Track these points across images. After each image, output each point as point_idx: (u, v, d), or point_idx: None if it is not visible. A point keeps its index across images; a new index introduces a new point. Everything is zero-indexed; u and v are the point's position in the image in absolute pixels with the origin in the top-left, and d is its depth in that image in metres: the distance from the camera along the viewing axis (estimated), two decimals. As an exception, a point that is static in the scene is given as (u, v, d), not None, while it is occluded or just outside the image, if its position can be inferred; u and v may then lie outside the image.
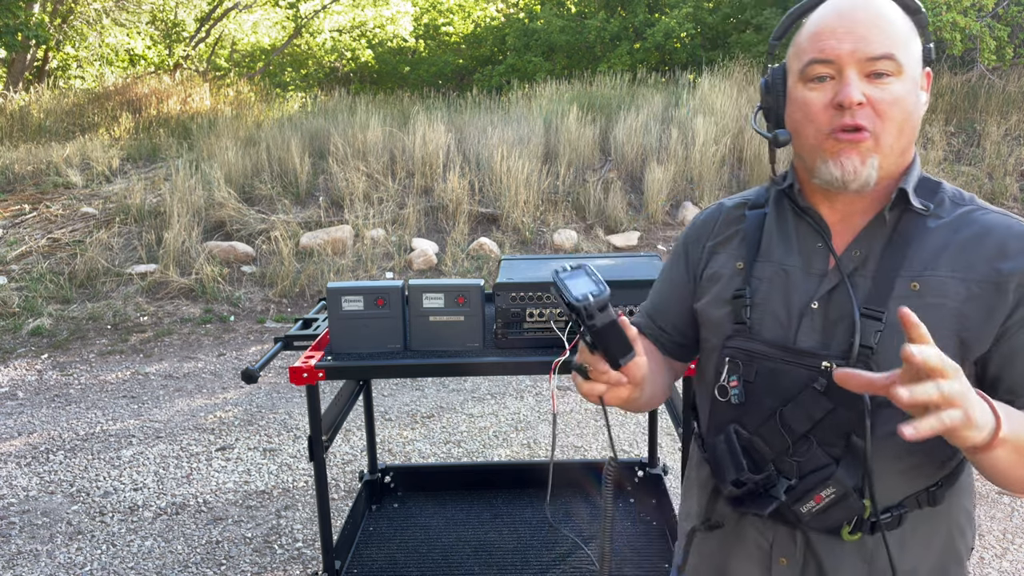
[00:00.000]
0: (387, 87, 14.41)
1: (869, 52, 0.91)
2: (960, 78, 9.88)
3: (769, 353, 0.99)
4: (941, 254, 0.94)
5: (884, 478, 0.96)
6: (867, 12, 0.93)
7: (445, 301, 1.95)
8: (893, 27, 0.93)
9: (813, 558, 1.01)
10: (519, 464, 3.15)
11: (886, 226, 0.97)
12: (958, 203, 0.99)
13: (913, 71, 0.94)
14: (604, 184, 7.86)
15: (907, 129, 0.95)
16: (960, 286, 0.92)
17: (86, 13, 12.60)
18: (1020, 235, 0.94)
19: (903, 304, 0.91)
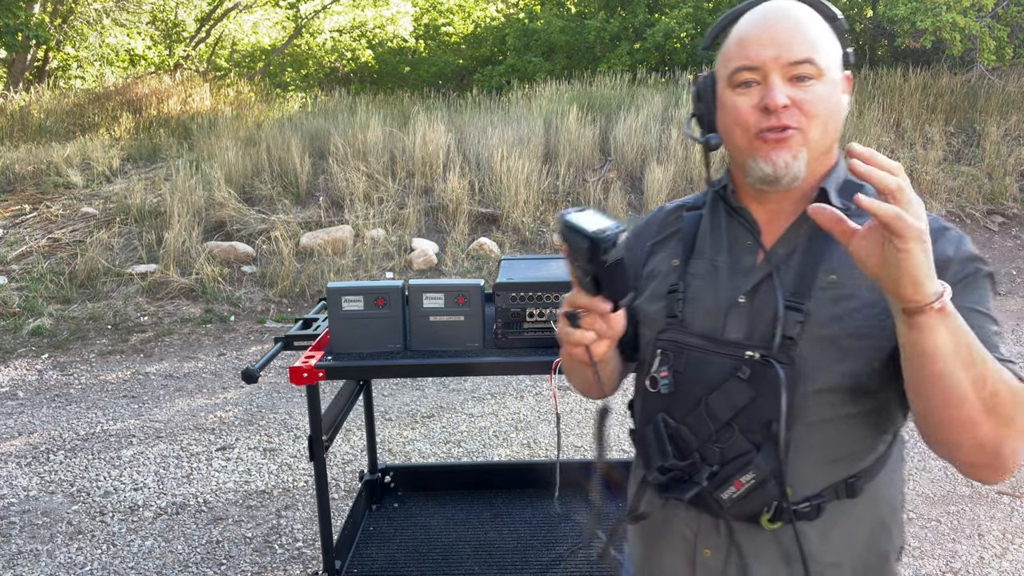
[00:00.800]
0: (387, 87, 14.41)
1: (791, 57, 0.97)
2: (960, 78, 9.88)
3: (698, 344, 1.03)
4: None
5: (803, 467, 0.98)
6: (787, 20, 0.99)
7: (445, 301, 1.95)
8: (812, 33, 0.98)
9: (735, 548, 1.03)
10: (519, 464, 3.15)
11: (809, 224, 1.01)
12: None
13: (833, 74, 1.00)
14: (604, 184, 7.87)
15: (830, 128, 1.00)
16: None
17: (86, 13, 12.60)
18: (938, 226, 0.99)
19: (823, 295, 0.97)
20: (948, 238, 0.99)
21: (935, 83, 9.64)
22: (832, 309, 0.97)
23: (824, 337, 0.96)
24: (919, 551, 2.91)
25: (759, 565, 1.02)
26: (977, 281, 0.98)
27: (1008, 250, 7.47)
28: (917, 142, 8.68)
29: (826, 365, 0.96)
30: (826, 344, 0.96)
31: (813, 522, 1.00)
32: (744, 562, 1.03)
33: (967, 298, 0.96)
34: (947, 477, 3.46)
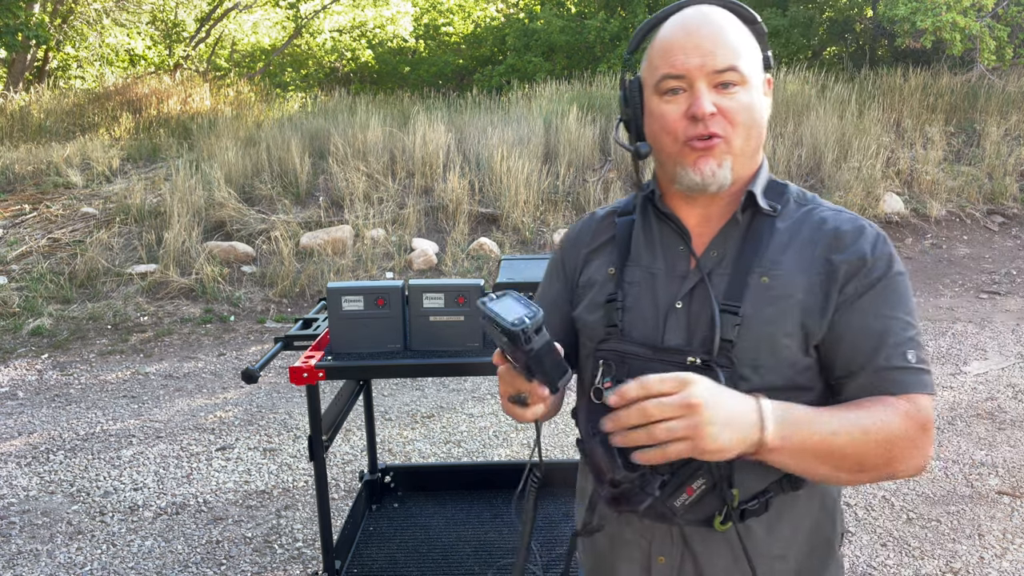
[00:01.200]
0: (387, 87, 14.41)
1: (715, 65, 0.98)
2: (960, 78, 9.88)
3: (639, 352, 1.03)
4: (787, 250, 1.02)
5: (749, 465, 0.98)
6: (710, 27, 1.00)
7: (445, 301, 1.95)
8: (734, 40, 1.00)
9: (689, 553, 1.05)
10: (519, 464, 3.15)
11: (739, 227, 1.05)
12: (801, 203, 1.07)
13: (756, 79, 1.02)
14: (604, 184, 7.86)
15: (754, 133, 1.02)
16: (803, 278, 1.00)
17: (86, 13, 12.60)
18: (850, 228, 1.02)
19: (757, 297, 0.99)
20: (866, 237, 1.02)
21: (935, 83, 9.64)
22: (767, 310, 0.99)
23: (761, 337, 0.99)
24: (919, 551, 2.91)
25: (712, 567, 1.04)
26: (893, 283, 1.01)
27: (1008, 250, 7.47)
28: (917, 142, 8.68)
29: (764, 365, 0.99)
30: (763, 344, 0.99)
31: (760, 517, 1.02)
32: (699, 565, 1.04)
33: (884, 305, 1.00)
34: (947, 477, 3.46)
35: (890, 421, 0.94)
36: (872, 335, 0.98)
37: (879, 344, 0.98)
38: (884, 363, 0.98)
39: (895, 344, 0.98)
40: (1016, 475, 3.47)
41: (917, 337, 1.00)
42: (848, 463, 0.93)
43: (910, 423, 0.95)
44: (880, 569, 2.80)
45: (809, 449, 0.91)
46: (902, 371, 0.97)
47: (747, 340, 0.98)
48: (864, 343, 0.98)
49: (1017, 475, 3.47)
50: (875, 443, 0.93)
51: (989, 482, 3.41)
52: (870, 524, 3.08)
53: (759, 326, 0.99)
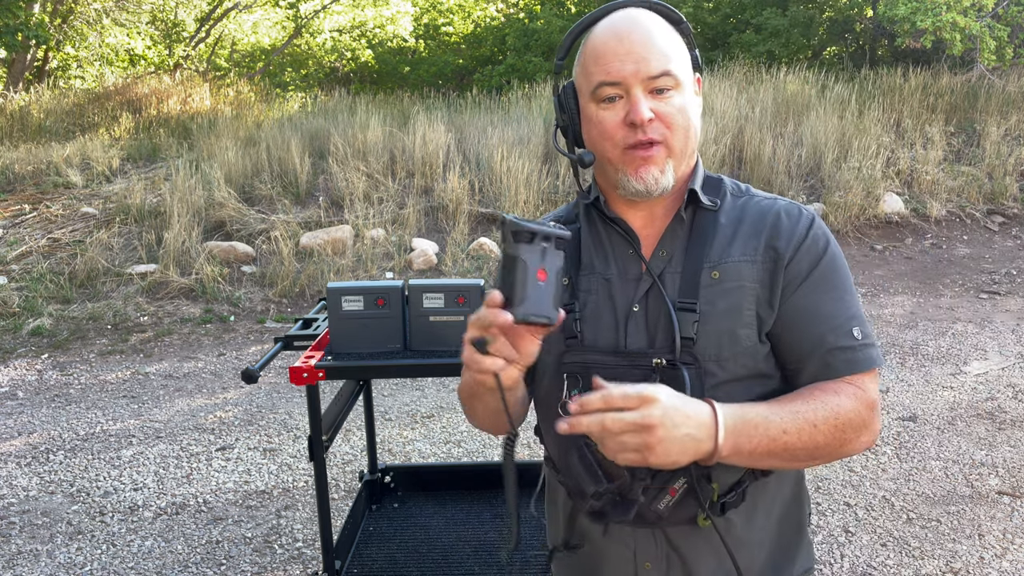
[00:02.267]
0: (387, 87, 14.41)
1: (649, 71, 0.98)
2: (960, 78, 9.87)
3: (604, 361, 1.03)
4: (732, 242, 1.03)
5: None
6: (641, 33, 1.00)
7: (445, 301, 1.95)
8: (664, 43, 1.00)
9: (675, 554, 1.05)
10: (519, 464, 3.14)
11: (684, 225, 1.05)
12: (736, 195, 1.09)
13: (687, 81, 1.02)
14: (604, 184, 7.86)
15: (691, 134, 1.03)
16: (751, 268, 1.02)
17: (86, 13, 12.60)
18: (787, 214, 1.05)
19: (711, 291, 1.00)
20: (802, 220, 1.05)
21: (935, 83, 9.64)
22: (722, 303, 1.01)
23: (720, 331, 1.00)
24: (919, 551, 2.91)
25: (700, 564, 1.05)
26: (832, 263, 1.04)
27: (1008, 250, 7.47)
28: (917, 142, 8.68)
29: (726, 357, 1.00)
30: (723, 338, 1.00)
31: (739, 508, 1.04)
32: (687, 565, 1.05)
33: (826, 286, 1.02)
34: (947, 477, 3.46)
35: (839, 409, 0.97)
36: (819, 318, 1.01)
37: (826, 326, 1.01)
38: (832, 343, 1.00)
39: (841, 324, 1.01)
40: (1016, 475, 3.47)
41: (859, 312, 1.03)
42: (800, 455, 0.97)
43: (858, 405, 0.99)
44: (880, 569, 2.80)
45: (761, 450, 0.94)
46: (850, 351, 1.00)
47: (707, 336, 1.00)
48: (812, 327, 1.01)
49: (1017, 475, 3.47)
50: (824, 433, 0.96)
51: (989, 482, 3.41)
52: (870, 524, 3.08)
53: (716, 321, 1.00)
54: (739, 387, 1.01)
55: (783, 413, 0.96)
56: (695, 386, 0.98)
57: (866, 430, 1.00)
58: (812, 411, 0.97)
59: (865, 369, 1.01)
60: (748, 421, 0.93)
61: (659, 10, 1.04)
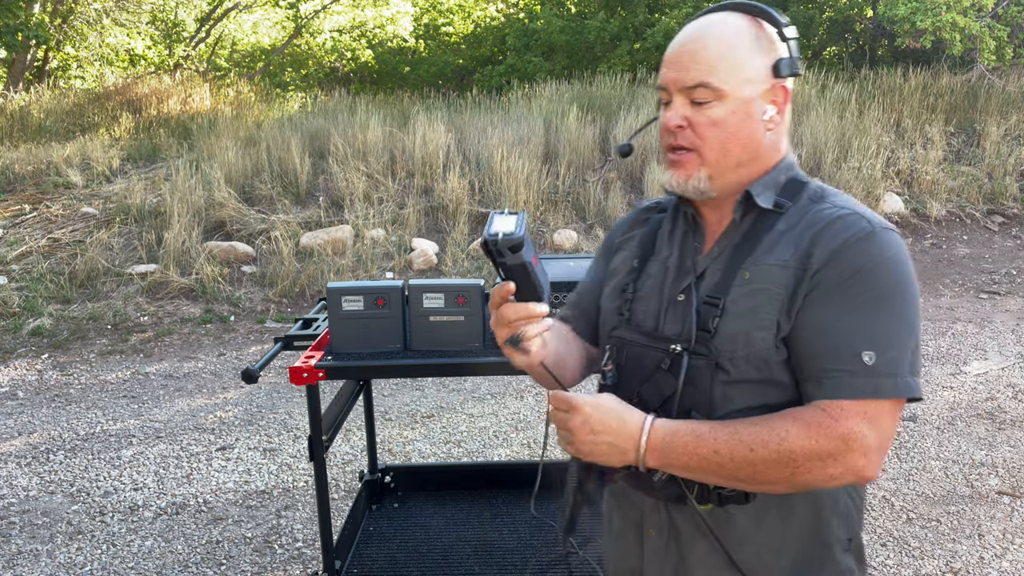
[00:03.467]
0: (387, 87, 14.40)
1: (686, 82, 1.04)
2: (960, 78, 9.87)
3: (637, 340, 1.12)
4: (775, 246, 1.04)
5: None
6: (694, 43, 1.05)
7: (445, 301, 1.95)
8: (715, 55, 1.03)
9: (674, 528, 1.11)
10: (519, 464, 3.15)
11: (739, 225, 1.09)
12: (815, 200, 1.07)
13: (742, 92, 1.03)
14: (604, 184, 7.86)
15: (733, 146, 1.05)
16: (781, 272, 1.02)
17: (86, 13, 12.60)
18: (841, 222, 1.01)
19: (739, 291, 1.03)
20: (847, 228, 1.01)
21: (935, 83, 9.64)
22: (745, 303, 1.03)
23: (737, 330, 1.02)
24: (919, 551, 2.91)
25: (692, 545, 1.09)
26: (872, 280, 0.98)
27: (1008, 250, 7.47)
28: (917, 142, 8.68)
29: (739, 357, 1.02)
30: (739, 337, 1.02)
31: (744, 506, 1.05)
32: (680, 545, 1.10)
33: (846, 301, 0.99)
34: (947, 477, 3.46)
35: (785, 435, 0.96)
36: (828, 333, 0.98)
37: (831, 343, 0.98)
38: (831, 363, 0.98)
39: (850, 343, 0.97)
40: (1016, 475, 3.47)
41: (887, 337, 0.97)
42: (741, 476, 0.98)
43: (815, 434, 0.95)
44: (880, 569, 2.80)
45: (693, 466, 0.99)
46: (847, 374, 0.96)
47: (725, 333, 1.03)
48: (818, 341, 0.99)
49: (1017, 475, 3.47)
50: (763, 458, 0.96)
51: (989, 482, 3.41)
52: (870, 524, 3.08)
53: (735, 319, 1.02)
54: (749, 389, 1.03)
55: (721, 433, 0.98)
56: (703, 378, 1.03)
57: (833, 462, 0.95)
58: (752, 434, 0.97)
59: (859, 396, 0.96)
60: (678, 438, 0.99)
61: (754, 10, 1.06)
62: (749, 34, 1.04)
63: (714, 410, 1.03)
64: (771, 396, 1.02)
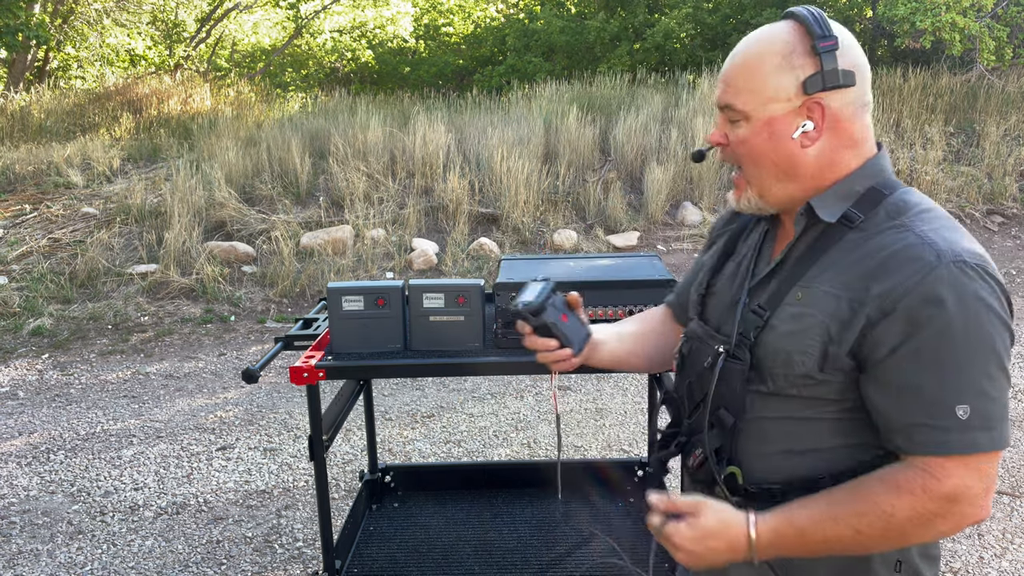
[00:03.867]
0: (387, 87, 14.41)
1: (717, 101, 1.10)
2: (959, 78, 9.88)
3: (698, 333, 1.17)
4: (833, 267, 1.01)
5: (758, 453, 1.08)
6: (731, 62, 1.08)
7: (445, 301, 1.95)
8: (744, 75, 1.05)
9: None
10: (519, 464, 3.15)
11: (803, 238, 1.07)
12: (893, 216, 1.01)
13: (764, 113, 1.04)
14: (604, 184, 7.87)
15: (764, 163, 1.06)
16: (831, 301, 0.99)
17: (87, 13, 12.60)
18: (908, 254, 0.95)
19: (787, 310, 1.03)
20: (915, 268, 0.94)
21: (935, 83, 9.64)
22: (789, 325, 1.02)
23: (778, 349, 1.03)
24: (918, 551, 2.91)
25: None
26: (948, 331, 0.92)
27: (1008, 250, 7.48)
28: (917, 142, 8.69)
29: (778, 375, 1.03)
30: (778, 357, 1.03)
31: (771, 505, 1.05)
32: None
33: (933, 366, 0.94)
34: (947, 477, 3.46)
35: (892, 511, 0.94)
36: (914, 394, 0.94)
37: (921, 403, 0.94)
38: (922, 419, 0.94)
39: (942, 401, 0.92)
40: (1016, 475, 3.47)
41: (974, 387, 0.92)
42: (852, 550, 1.00)
43: (922, 501, 0.93)
44: (879, 569, 2.80)
45: (805, 553, 1.01)
46: (941, 431, 0.93)
47: (767, 347, 1.04)
48: (905, 401, 0.95)
49: (1017, 475, 3.47)
50: (873, 538, 0.97)
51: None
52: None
53: (779, 338, 1.03)
54: (786, 403, 1.04)
55: (825, 520, 0.98)
56: (736, 382, 1.06)
57: (942, 521, 0.94)
58: (856, 516, 0.96)
59: (958, 453, 0.92)
60: (784, 541, 1.00)
61: (800, 20, 1.03)
62: (782, 51, 1.02)
63: (744, 414, 1.06)
64: (810, 411, 1.03)
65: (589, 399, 4.42)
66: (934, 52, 10.24)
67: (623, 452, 3.77)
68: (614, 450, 3.79)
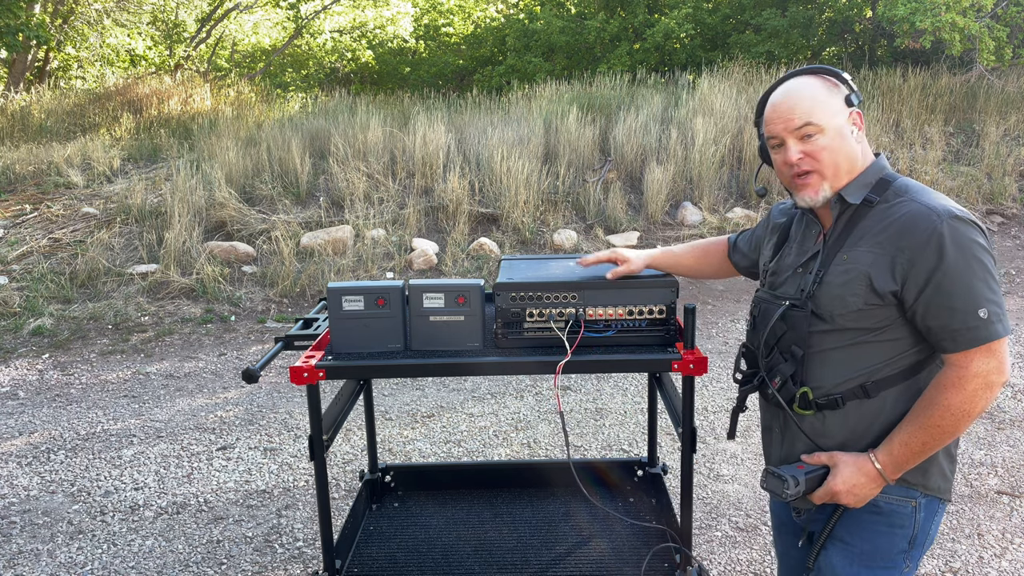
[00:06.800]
0: (387, 87, 14.41)
1: (793, 126, 1.50)
2: (959, 78, 9.88)
3: (767, 297, 1.65)
4: (866, 235, 1.48)
5: (825, 374, 1.52)
6: (789, 100, 1.52)
7: (445, 301, 1.95)
8: (808, 102, 1.49)
9: (788, 427, 1.61)
10: (519, 463, 3.15)
11: (841, 219, 1.53)
12: (898, 195, 1.48)
13: (835, 121, 1.49)
14: (604, 184, 7.87)
15: (842, 160, 1.50)
16: (869, 257, 1.45)
17: (87, 14, 12.61)
18: (917, 219, 1.41)
19: (837, 268, 1.49)
20: (923, 228, 1.41)
21: (934, 83, 9.65)
22: (841, 277, 1.48)
23: (834, 295, 1.48)
24: (918, 551, 2.91)
25: (796, 439, 1.59)
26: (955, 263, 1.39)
27: (1007, 250, 7.48)
28: (916, 142, 8.69)
29: (837, 314, 1.48)
30: (835, 300, 1.48)
31: (836, 411, 1.52)
32: (789, 435, 1.61)
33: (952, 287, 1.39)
34: (946, 477, 3.46)
35: (949, 404, 1.39)
36: (948, 309, 1.38)
37: (954, 315, 1.38)
38: (959, 325, 1.38)
39: (968, 309, 1.37)
40: (1016, 475, 3.47)
41: (986, 294, 1.37)
42: (943, 441, 1.43)
43: (963, 386, 1.38)
44: (879, 568, 2.80)
45: (916, 459, 1.45)
46: (972, 330, 1.37)
47: (826, 295, 1.49)
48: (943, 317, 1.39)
49: (1017, 475, 3.47)
50: (951, 426, 1.40)
51: (989, 482, 3.42)
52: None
53: (834, 287, 1.48)
54: (840, 335, 1.49)
55: (914, 431, 1.43)
56: (800, 325, 1.51)
57: (984, 392, 1.38)
58: (931, 419, 1.41)
59: (985, 342, 1.37)
60: (896, 457, 1.45)
61: (816, 71, 1.53)
62: (821, 85, 1.51)
63: (809, 348, 1.51)
64: (863, 337, 1.47)
65: (589, 399, 4.43)
66: (934, 52, 10.24)
67: (623, 452, 3.77)
68: (614, 450, 3.79)
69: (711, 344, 5.39)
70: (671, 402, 2.15)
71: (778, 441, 1.65)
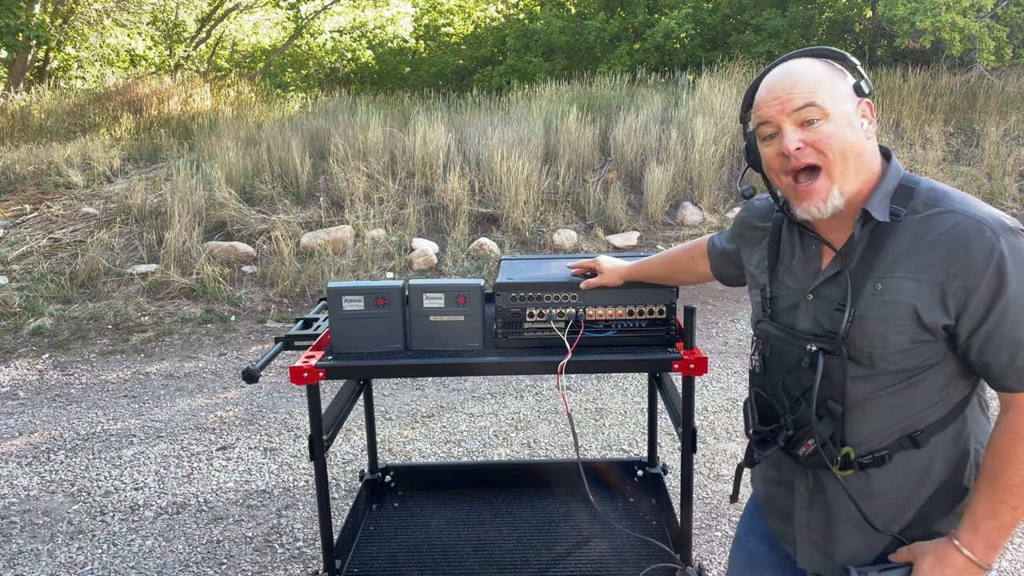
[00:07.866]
0: (387, 87, 14.41)
1: (793, 106, 1.19)
2: (959, 78, 9.88)
3: (779, 335, 1.32)
4: (901, 259, 1.19)
5: (866, 429, 1.25)
6: (787, 77, 1.21)
7: (445, 301, 1.95)
8: (811, 81, 1.19)
9: (819, 486, 1.33)
10: (519, 463, 3.15)
11: (862, 238, 1.23)
12: (931, 204, 1.20)
13: (843, 108, 1.19)
14: (604, 184, 7.87)
15: (851, 155, 1.19)
16: (912, 285, 1.17)
17: (87, 13, 12.61)
18: (972, 237, 1.14)
19: (871, 300, 1.19)
20: (981, 247, 1.14)
21: (934, 83, 9.65)
22: (879, 312, 1.19)
23: (874, 334, 1.19)
24: (918, 550, 2.91)
25: (837, 500, 1.30)
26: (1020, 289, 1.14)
27: (1007, 250, 7.47)
28: (917, 142, 8.69)
29: (877, 356, 1.20)
30: (875, 339, 1.19)
31: (881, 467, 1.25)
32: (826, 497, 1.32)
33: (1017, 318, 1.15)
34: (946, 477, 3.46)
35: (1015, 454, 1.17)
36: (1010, 343, 1.16)
37: (1016, 349, 1.15)
38: (1019, 361, 1.16)
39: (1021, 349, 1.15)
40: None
41: None
42: None
43: None
44: (879, 568, 2.80)
45: (1011, 527, 1.20)
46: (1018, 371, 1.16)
47: (861, 336, 1.20)
48: (1005, 351, 1.16)
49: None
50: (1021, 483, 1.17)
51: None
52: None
53: (871, 325, 1.19)
54: (882, 379, 1.22)
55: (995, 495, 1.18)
56: (836, 374, 1.22)
57: None
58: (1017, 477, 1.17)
59: None
60: (986, 534, 1.19)
61: (818, 53, 1.24)
62: (826, 67, 1.22)
63: (847, 399, 1.23)
64: (907, 382, 1.22)
65: (589, 399, 4.43)
66: (934, 52, 10.24)
67: (623, 452, 3.77)
68: (614, 450, 3.79)
69: (711, 344, 5.39)
70: (671, 402, 2.15)
71: (804, 502, 1.36)
